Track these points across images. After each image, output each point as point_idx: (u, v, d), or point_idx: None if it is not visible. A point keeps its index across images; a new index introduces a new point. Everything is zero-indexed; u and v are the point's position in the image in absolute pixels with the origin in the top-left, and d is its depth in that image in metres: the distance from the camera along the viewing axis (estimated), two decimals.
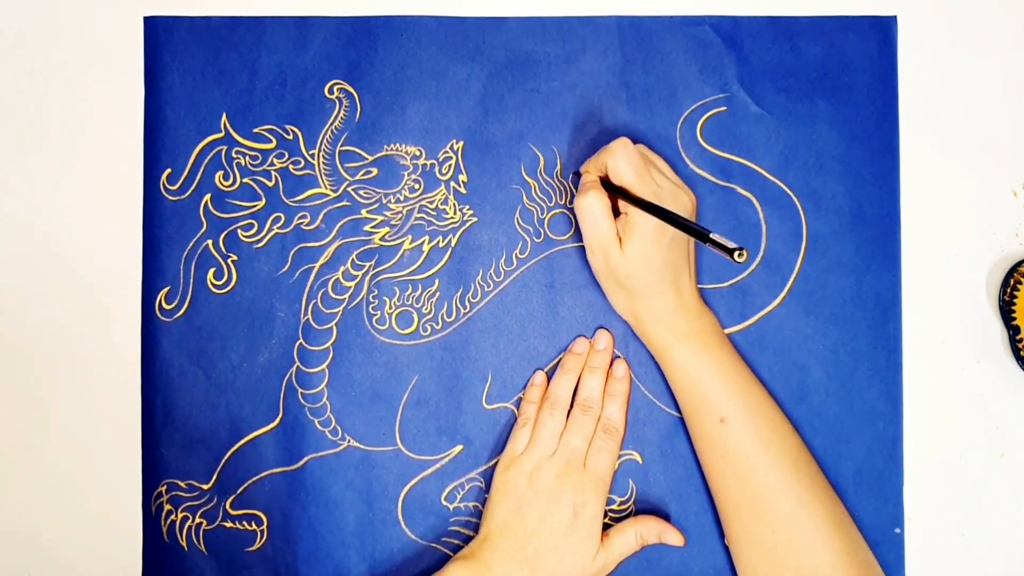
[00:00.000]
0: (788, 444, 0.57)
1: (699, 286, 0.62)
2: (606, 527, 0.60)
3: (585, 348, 0.62)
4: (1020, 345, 0.61)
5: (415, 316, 0.63)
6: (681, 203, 0.57)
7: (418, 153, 0.63)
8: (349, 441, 0.62)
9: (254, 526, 0.62)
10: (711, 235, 0.49)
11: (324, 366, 0.62)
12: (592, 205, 0.56)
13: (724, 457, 0.57)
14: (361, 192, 0.63)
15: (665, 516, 0.62)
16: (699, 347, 0.58)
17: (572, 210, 0.63)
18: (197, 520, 0.62)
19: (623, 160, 0.56)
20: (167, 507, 0.62)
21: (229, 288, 0.63)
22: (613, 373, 0.62)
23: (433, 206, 0.63)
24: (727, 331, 0.62)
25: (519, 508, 0.58)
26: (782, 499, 0.56)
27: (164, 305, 0.63)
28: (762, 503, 0.56)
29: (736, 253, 0.47)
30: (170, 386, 0.63)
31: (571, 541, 0.58)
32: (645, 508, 0.62)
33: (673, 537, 0.60)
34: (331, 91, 0.63)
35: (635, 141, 0.63)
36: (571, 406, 0.61)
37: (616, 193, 0.56)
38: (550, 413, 0.60)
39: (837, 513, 0.57)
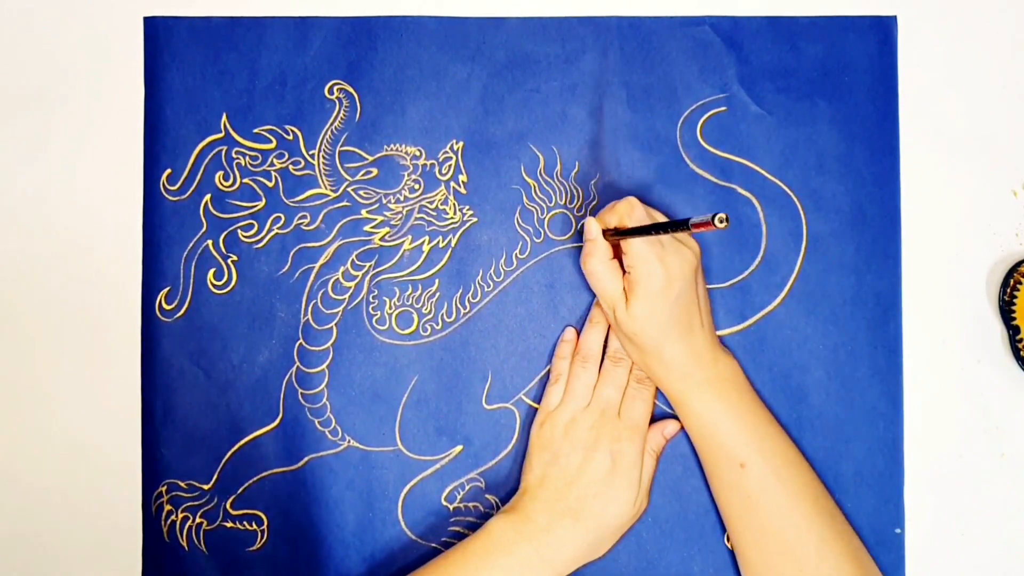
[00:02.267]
0: (807, 483, 0.58)
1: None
2: None
3: None
4: (1020, 345, 0.61)
5: (415, 316, 0.63)
6: (685, 257, 0.56)
7: (418, 153, 0.63)
8: (349, 441, 0.62)
9: (254, 526, 0.62)
10: (690, 221, 0.49)
11: (324, 366, 0.62)
12: (598, 268, 0.57)
13: (745, 501, 0.57)
14: (361, 192, 0.63)
15: (665, 516, 0.62)
16: (714, 395, 0.58)
17: (572, 210, 0.63)
18: (197, 520, 0.62)
19: (628, 219, 0.56)
20: (167, 507, 0.62)
21: (229, 288, 0.63)
22: None
23: (433, 206, 0.63)
24: (726, 331, 0.62)
25: (556, 459, 0.59)
26: (806, 537, 0.56)
27: (164, 305, 0.63)
28: (787, 544, 0.56)
29: (716, 219, 0.47)
30: (170, 386, 0.63)
31: (611, 488, 0.58)
32: (645, 507, 0.62)
33: (671, 427, 0.61)
34: (331, 91, 0.63)
35: (635, 141, 0.63)
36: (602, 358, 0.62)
37: (618, 235, 0.56)
38: (582, 366, 0.61)
39: (857, 548, 0.58)
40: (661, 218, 0.59)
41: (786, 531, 0.56)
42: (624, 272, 0.57)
